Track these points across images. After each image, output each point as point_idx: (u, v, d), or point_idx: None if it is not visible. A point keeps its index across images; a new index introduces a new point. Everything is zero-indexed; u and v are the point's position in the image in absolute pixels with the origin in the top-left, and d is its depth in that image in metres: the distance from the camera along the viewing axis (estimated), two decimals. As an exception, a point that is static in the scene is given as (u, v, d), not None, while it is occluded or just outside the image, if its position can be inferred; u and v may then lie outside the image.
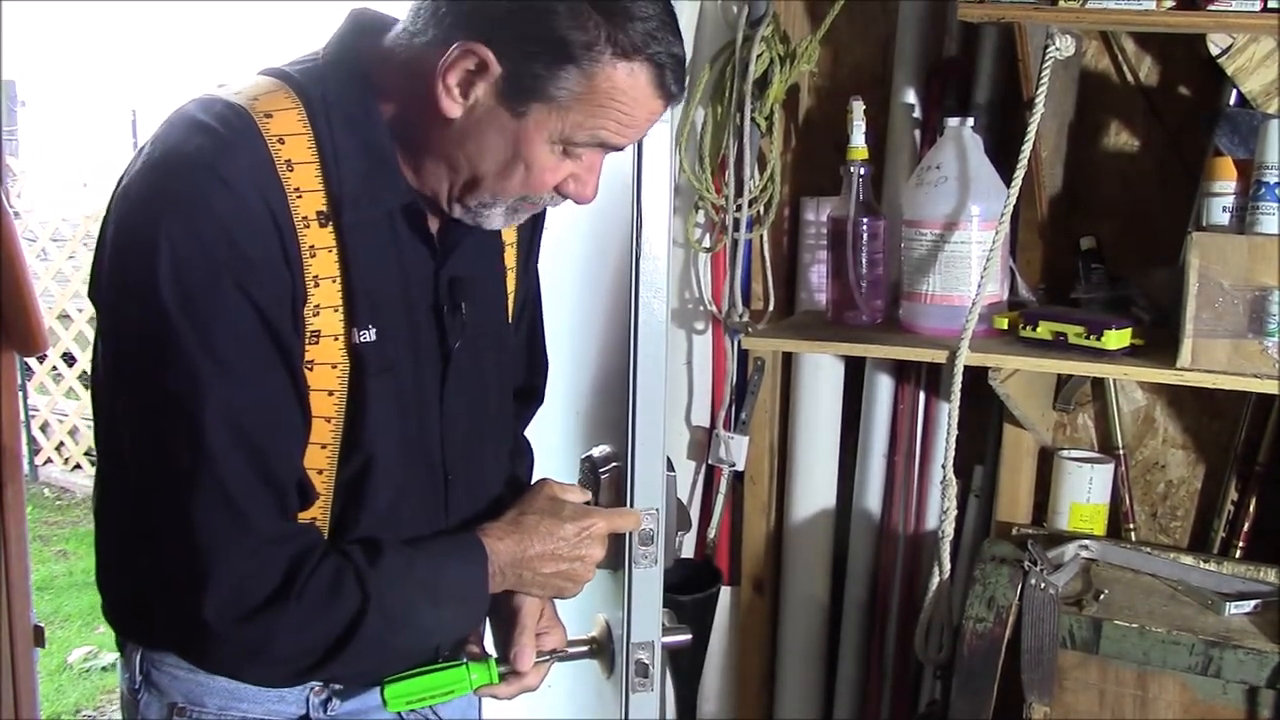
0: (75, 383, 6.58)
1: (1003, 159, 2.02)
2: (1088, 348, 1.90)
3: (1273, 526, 2.12)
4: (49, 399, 6.64)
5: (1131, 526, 2.24)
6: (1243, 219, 1.83)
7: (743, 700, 2.56)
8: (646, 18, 1.16)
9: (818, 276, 2.37)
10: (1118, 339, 1.88)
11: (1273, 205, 1.78)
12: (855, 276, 2.15)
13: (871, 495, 2.40)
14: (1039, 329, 1.95)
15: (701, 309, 2.46)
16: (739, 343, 2.38)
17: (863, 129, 2.14)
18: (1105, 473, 2.19)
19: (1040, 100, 1.83)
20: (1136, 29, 2.05)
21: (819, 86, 2.39)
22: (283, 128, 1.19)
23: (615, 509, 1.39)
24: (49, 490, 6.40)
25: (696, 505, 2.54)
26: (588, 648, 1.47)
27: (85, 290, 1.24)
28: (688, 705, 2.47)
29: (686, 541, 2.49)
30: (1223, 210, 1.86)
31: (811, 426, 2.42)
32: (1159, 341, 1.91)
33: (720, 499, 2.49)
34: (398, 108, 1.24)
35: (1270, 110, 1.87)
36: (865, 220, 2.14)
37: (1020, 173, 1.87)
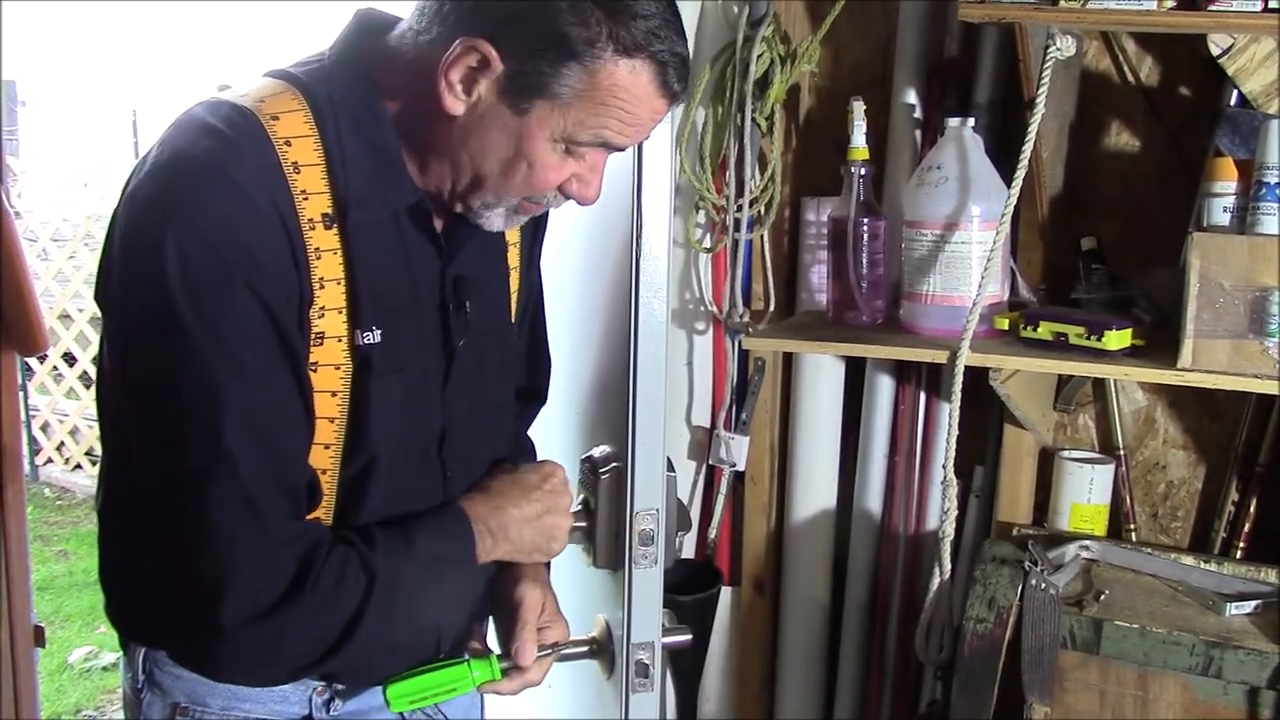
0: (76, 383, 6.58)
1: (1003, 159, 2.02)
2: (1088, 348, 1.90)
3: (1273, 527, 2.12)
4: (50, 399, 6.64)
5: (1132, 527, 2.24)
6: (1243, 219, 1.83)
7: (743, 701, 2.56)
8: (649, 15, 1.16)
9: (818, 277, 2.37)
10: (1118, 339, 1.88)
11: (1273, 205, 1.78)
12: (856, 277, 2.15)
13: (872, 495, 2.40)
14: (1039, 329, 1.95)
15: (702, 309, 2.46)
16: (739, 343, 2.38)
17: (863, 129, 2.14)
18: (1106, 473, 2.19)
19: (1041, 100, 1.83)
20: (1137, 29, 2.05)
21: (820, 87, 2.39)
22: (289, 130, 1.19)
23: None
24: (49, 490, 6.40)
25: (697, 506, 2.54)
26: (588, 648, 1.47)
27: (86, 290, 1.25)
28: (688, 706, 2.47)
29: (687, 542, 2.49)
30: (1223, 211, 1.86)
31: (812, 427, 2.42)
32: (1160, 342, 1.91)
33: (721, 499, 2.49)
34: (402, 107, 1.24)
35: (1271, 110, 1.87)
36: (866, 220, 2.14)
37: (1021, 173, 1.87)
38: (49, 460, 6.63)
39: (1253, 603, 1.91)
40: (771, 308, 2.38)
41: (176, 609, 1.21)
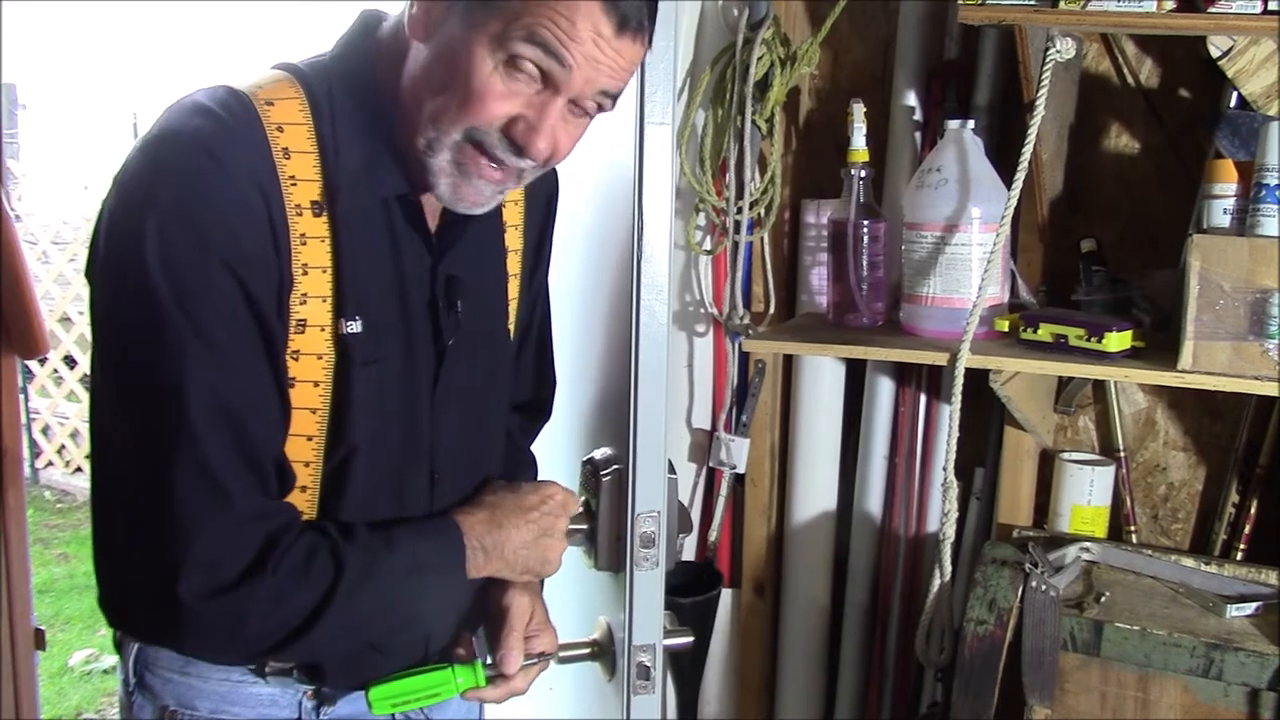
0: (76, 385, 6.58)
1: (1003, 161, 2.02)
2: (1089, 350, 1.90)
3: (1274, 529, 2.12)
4: (50, 402, 6.64)
5: (1133, 529, 2.24)
6: (1243, 221, 1.83)
7: (744, 703, 2.56)
8: None
9: (818, 279, 2.37)
10: (1119, 341, 1.88)
11: (1273, 207, 1.78)
12: (856, 279, 2.15)
13: (872, 498, 2.40)
14: (1040, 331, 1.95)
15: (702, 311, 2.46)
16: (740, 345, 2.38)
17: (863, 131, 2.14)
18: (1106, 475, 2.19)
19: (1041, 103, 1.83)
20: (1137, 31, 2.05)
21: (819, 89, 2.40)
22: (283, 116, 1.20)
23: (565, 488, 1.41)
24: (50, 493, 6.40)
25: (697, 508, 2.54)
26: (589, 650, 1.47)
27: (86, 293, 1.25)
28: (689, 708, 2.47)
29: (687, 544, 2.49)
30: (1223, 212, 1.87)
31: (812, 429, 2.42)
32: (1160, 344, 1.91)
33: (721, 501, 2.49)
34: (393, 95, 1.24)
35: (1270, 112, 1.87)
36: (866, 222, 2.14)
37: (1021, 175, 1.88)
38: (49, 463, 6.63)
39: (1253, 604, 1.91)
40: (772, 310, 2.38)
41: (139, 581, 1.21)
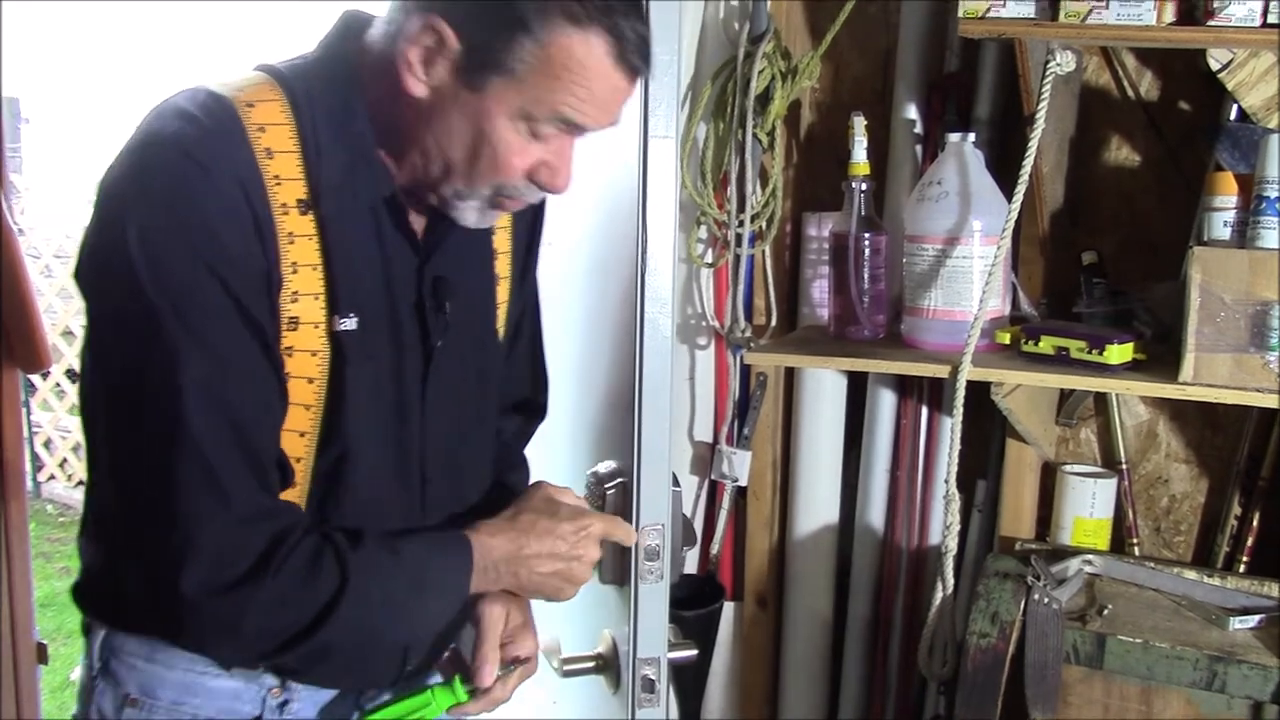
0: (78, 399, 6.58)
1: (1004, 174, 2.02)
2: (1090, 362, 1.90)
3: (1277, 541, 2.12)
4: (52, 415, 6.64)
5: (1135, 541, 2.24)
6: (1243, 233, 1.84)
7: (746, 716, 2.56)
8: None
9: (820, 291, 2.38)
10: (1120, 354, 1.88)
11: (1273, 220, 1.78)
12: (857, 291, 2.15)
13: (874, 510, 2.40)
14: (1041, 344, 1.95)
15: (704, 324, 2.46)
16: (741, 358, 2.39)
17: (864, 144, 2.14)
18: (1108, 487, 2.19)
19: (1041, 115, 1.84)
20: (1137, 44, 2.06)
21: (820, 102, 2.40)
22: (264, 117, 1.21)
23: (612, 516, 1.40)
24: (52, 507, 6.40)
25: (699, 520, 2.54)
26: (594, 664, 1.47)
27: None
28: (691, 721, 2.46)
29: (690, 557, 2.49)
30: (1224, 225, 1.87)
31: (814, 441, 2.42)
32: (1161, 356, 1.91)
33: (723, 514, 2.49)
34: (378, 101, 1.25)
35: (1270, 125, 1.88)
36: (867, 235, 2.15)
37: (1021, 188, 1.88)
38: (51, 477, 6.63)
39: (1256, 617, 1.91)
40: (773, 322, 2.39)
41: (140, 577, 1.22)
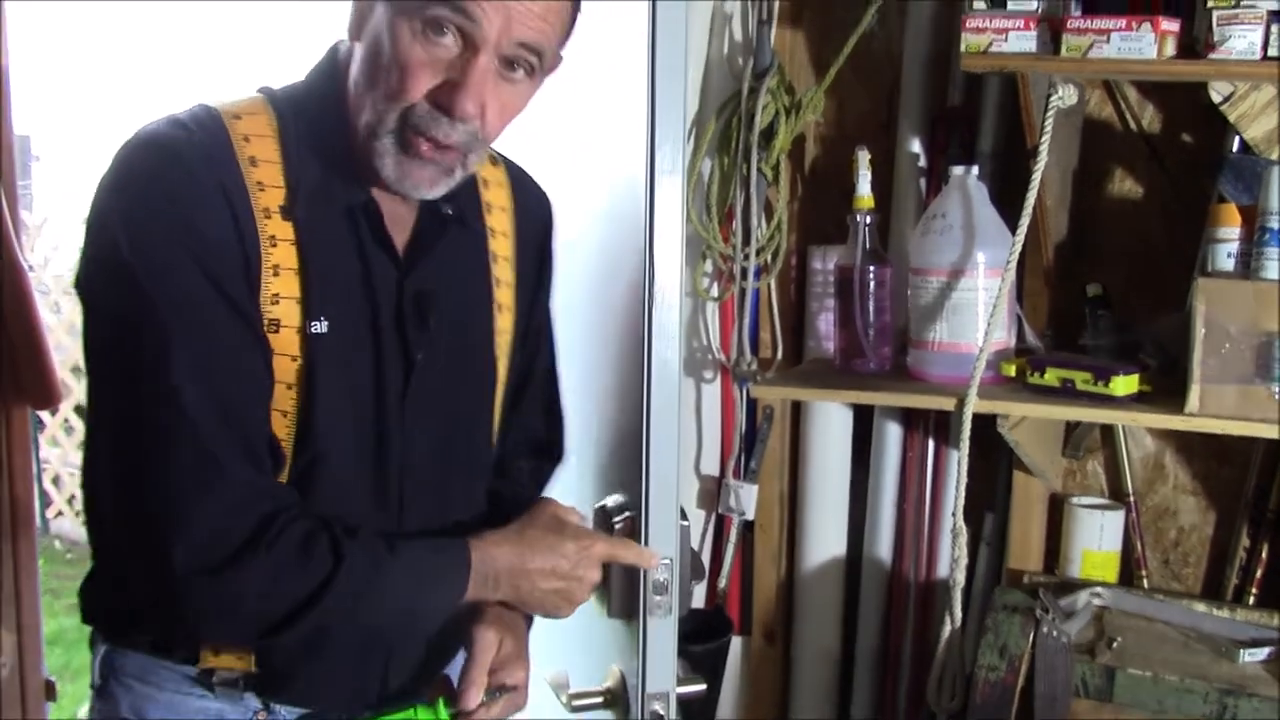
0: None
1: (1008, 206, 2.03)
2: (1096, 394, 1.90)
3: (1286, 572, 2.11)
4: (60, 451, 6.64)
5: (1144, 573, 2.23)
6: (1248, 265, 1.84)
7: (755, 751, 2.54)
8: None
9: (825, 324, 2.38)
10: (1125, 385, 1.89)
11: (1276, 251, 1.79)
12: (863, 324, 2.16)
13: (882, 543, 2.40)
14: (1046, 375, 1.95)
15: (710, 358, 2.47)
16: (748, 391, 2.39)
17: (868, 178, 2.15)
18: (1116, 519, 2.19)
19: (1044, 148, 1.85)
20: (1138, 78, 2.07)
21: (824, 136, 2.42)
22: (250, 129, 1.26)
23: (618, 538, 1.40)
24: (60, 543, 6.39)
25: (707, 554, 2.54)
26: (603, 699, 1.47)
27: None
28: (700, 756, 2.45)
29: (697, 590, 2.48)
30: (1228, 256, 1.87)
31: (821, 474, 2.42)
32: (1167, 387, 1.91)
33: (730, 548, 2.49)
34: (351, 107, 1.29)
35: (1272, 156, 1.88)
36: (872, 268, 2.15)
37: (1025, 220, 1.89)
38: (59, 513, 6.62)
39: (1267, 649, 1.90)
40: (779, 356, 2.39)
41: (137, 562, 1.23)
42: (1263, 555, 2.12)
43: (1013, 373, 2.01)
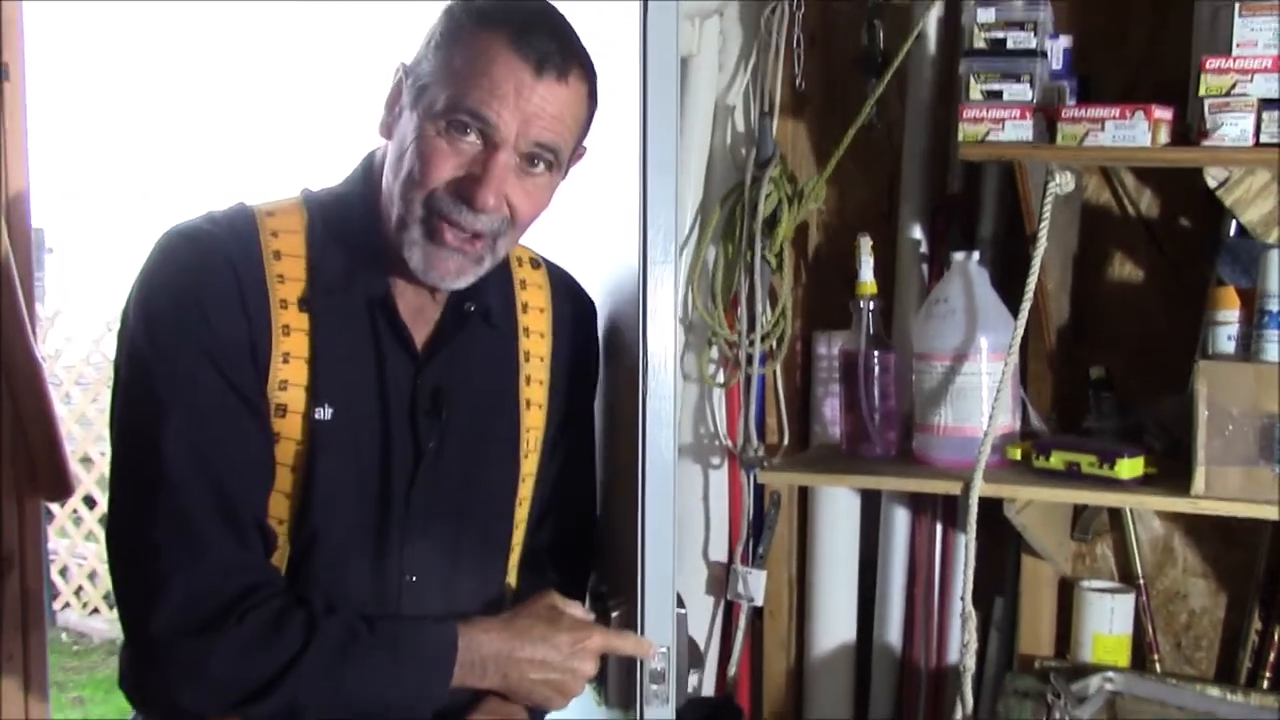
0: (96, 525, 6.57)
1: (1010, 291, 2.04)
2: (1101, 477, 1.90)
3: (1299, 655, 2.09)
4: (69, 542, 6.63)
5: (1156, 657, 2.21)
6: (1248, 347, 1.85)
7: (767, 843, 2.50)
8: (504, 3, 1.31)
9: (831, 410, 2.39)
10: (1131, 468, 1.89)
11: (1275, 334, 1.80)
12: (868, 409, 2.16)
13: (892, 629, 2.38)
14: (1052, 459, 1.95)
15: (717, 444, 2.47)
16: (755, 477, 2.39)
17: (870, 264, 2.17)
18: (1126, 603, 2.18)
19: (1043, 235, 1.87)
20: (1134, 164, 2.10)
21: (827, 224, 2.45)
22: (280, 225, 1.34)
23: (616, 630, 1.40)
24: (66, 635, 6.35)
25: (716, 641, 2.52)
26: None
27: (108, 433, 1.36)
28: None
29: (707, 679, 2.46)
30: (1228, 339, 1.88)
31: (829, 559, 2.41)
32: (1172, 470, 1.91)
33: (740, 635, 2.47)
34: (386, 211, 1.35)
35: (1270, 240, 1.90)
36: (876, 353, 2.17)
37: (1026, 305, 1.90)
38: (66, 605, 6.59)
39: (1281, 733, 1.89)
40: (786, 441, 2.40)
41: (127, 632, 1.29)
42: (1275, 639, 2.09)
43: (1018, 456, 2.01)
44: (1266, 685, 2.09)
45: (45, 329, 7.36)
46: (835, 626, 2.42)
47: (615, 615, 1.40)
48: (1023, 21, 1.87)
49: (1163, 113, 1.79)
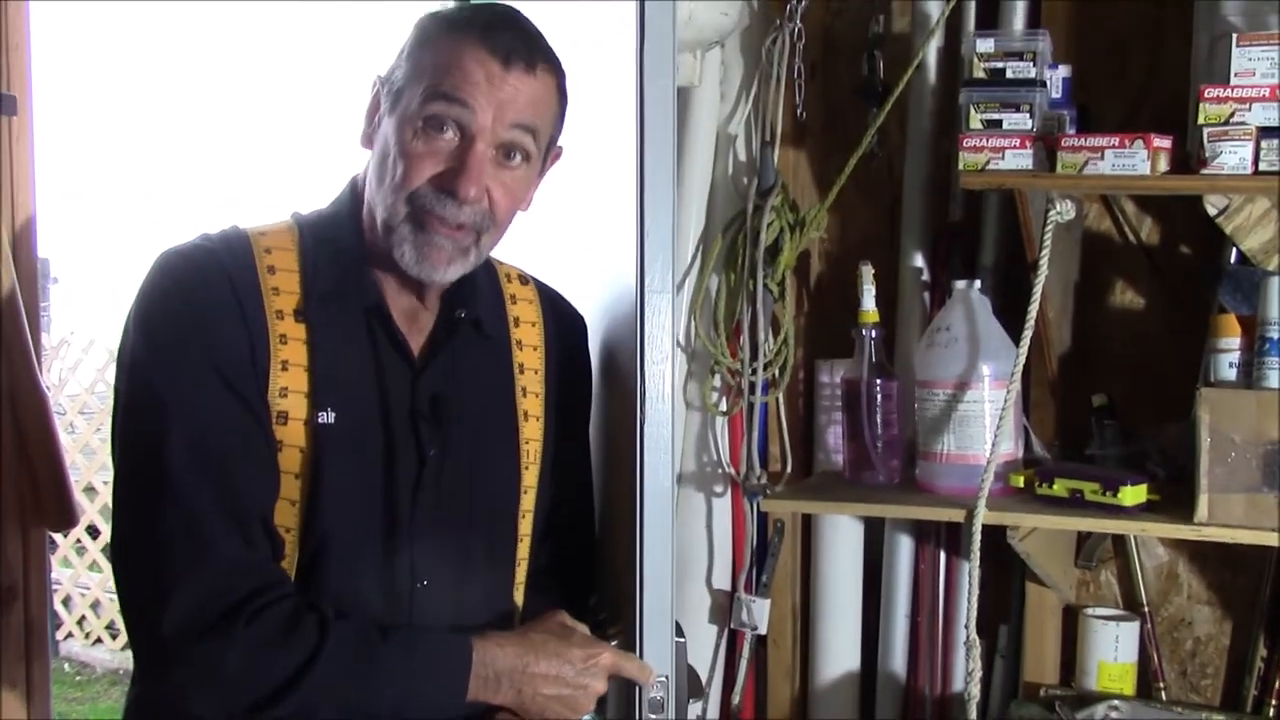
0: (99, 555, 6.57)
1: (1011, 318, 2.05)
2: (1105, 504, 1.90)
3: (1305, 683, 2.09)
4: (72, 572, 6.62)
5: (1161, 685, 2.20)
6: (1249, 374, 1.86)
7: None
8: (474, 7, 1.38)
9: (834, 438, 2.39)
10: (1134, 495, 1.89)
11: (1276, 361, 1.81)
12: (871, 437, 2.17)
13: (896, 657, 2.38)
14: (1055, 486, 1.95)
15: (720, 472, 2.47)
16: (758, 505, 2.39)
17: (872, 292, 2.18)
18: (1131, 630, 2.17)
19: (1044, 262, 1.88)
20: (1134, 192, 2.11)
21: (829, 252, 2.46)
22: (272, 243, 1.38)
23: (624, 651, 1.40)
24: (69, 665, 6.34)
25: (719, 670, 2.51)
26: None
27: (111, 462, 1.36)
28: None
29: (711, 708, 2.45)
30: (1229, 366, 1.89)
31: (833, 588, 2.41)
32: (1175, 497, 1.91)
33: (743, 663, 2.46)
34: (371, 226, 1.39)
35: (1270, 267, 1.90)
36: (879, 381, 2.17)
37: (1028, 333, 1.91)
38: (69, 635, 6.57)
39: (1288, 762, 1.88)
40: (789, 469, 2.40)
41: (131, 627, 1.31)
42: (1281, 665, 2.10)
43: (1021, 484, 2.01)
44: (1272, 712, 2.08)
45: (50, 358, 7.38)
46: (839, 655, 2.41)
47: (614, 644, 1.40)
48: (1022, 51, 1.88)
49: (1162, 141, 1.80)
